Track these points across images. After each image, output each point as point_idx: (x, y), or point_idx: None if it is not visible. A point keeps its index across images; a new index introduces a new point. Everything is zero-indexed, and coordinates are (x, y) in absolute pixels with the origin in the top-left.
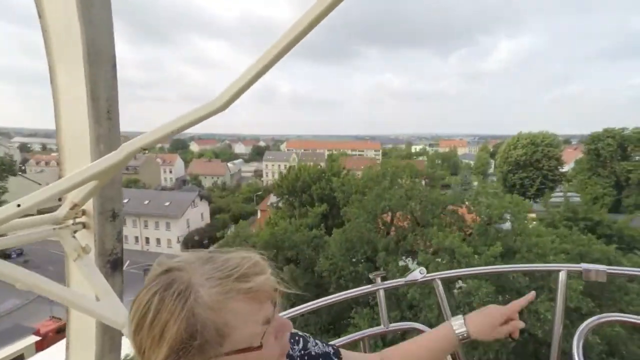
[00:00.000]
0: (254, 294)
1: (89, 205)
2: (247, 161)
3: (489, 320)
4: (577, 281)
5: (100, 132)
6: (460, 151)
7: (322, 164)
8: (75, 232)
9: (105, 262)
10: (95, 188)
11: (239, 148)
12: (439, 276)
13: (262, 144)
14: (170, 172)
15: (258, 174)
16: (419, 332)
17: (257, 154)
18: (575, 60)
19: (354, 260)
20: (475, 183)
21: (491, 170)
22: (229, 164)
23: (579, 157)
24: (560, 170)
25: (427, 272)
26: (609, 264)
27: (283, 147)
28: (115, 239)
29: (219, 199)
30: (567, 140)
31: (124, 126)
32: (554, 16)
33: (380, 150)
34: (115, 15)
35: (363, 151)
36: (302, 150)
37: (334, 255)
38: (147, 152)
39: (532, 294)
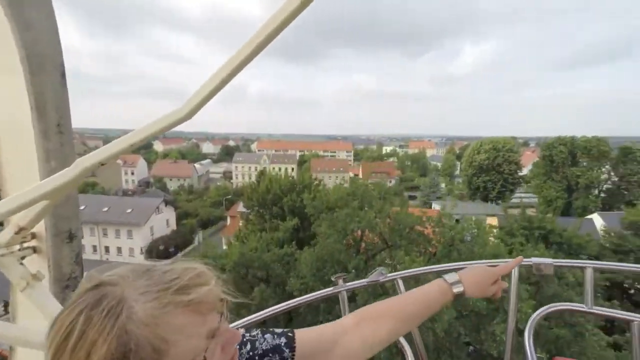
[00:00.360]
0: (196, 306)
1: (40, 227)
2: (215, 161)
3: (481, 280)
4: (528, 302)
5: (50, 147)
6: (429, 152)
7: (294, 168)
8: (23, 258)
9: (62, 288)
10: (45, 208)
11: (207, 147)
12: (400, 276)
13: (231, 143)
14: (132, 173)
15: (227, 175)
16: None
17: (227, 154)
18: (534, 68)
19: (325, 279)
20: (443, 184)
21: (457, 172)
22: (196, 165)
23: (536, 160)
24: (519, 173)
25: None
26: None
27: (254, 147)
28: (73, 262)
29: (186, 203)
30: (525, 143)
31: (82, 123)
32: (515, 25)
33: (352, 151)
34: (72, 4)
35: (335, 152)
36: (273, 151)
37: (305, 275)
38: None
39: (520, 258)
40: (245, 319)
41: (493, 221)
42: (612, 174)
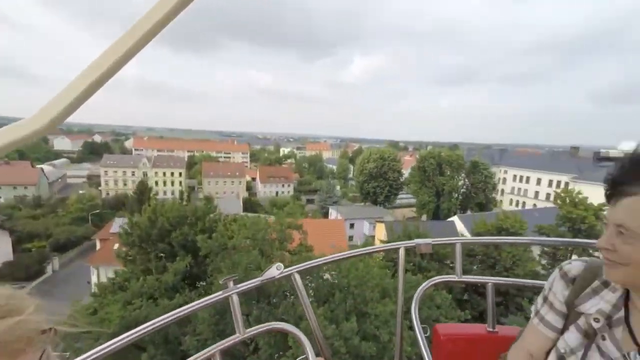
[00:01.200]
0: None
1: None
2: (74, 161)
3: None
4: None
5: None
6: (325, 154)
7: (182, 172)
8: None
9: None
10: None
11: (62, 143)
12: (296, 269)
13: (97, 138)
14: None
15: (94, 180)
16: (279, 331)
17: (91, 152)
18: (411, 82)
19: (226, 332)
20: (338, 187)
21: (351, 175)
22: (45, 167)
23: (414, 164)
24: (402, 180)
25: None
26: (426, 306)
27: (129, 144)
28: None
29: (31, 221)
30: (405, 147)
31: None
32: (394, 45)
33: (249, 153)
34: None
35: (230, 153)
36: (156, 152)
37: (202, 330)
38: None
39: None
40: (116, 339)
41: (381, 228)
42: (466, 181)
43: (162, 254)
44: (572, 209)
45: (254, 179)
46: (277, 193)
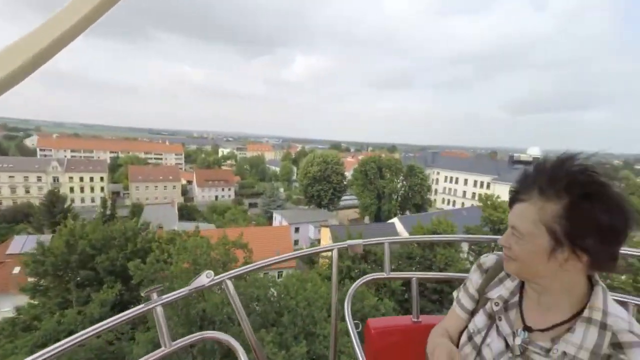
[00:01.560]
0: None
1: None
2: None
3: None
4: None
5: None
6: (267, 156)
7: (103, 177)
8: None
9: None
10: None
11: None
12: (228, 276)
13: None
14: None
15: None
16: (211, 340)
17: None
18: (350, 84)
19: None
20: (282, 189)
21: (294, 177)
22: None
23: (355, 166)
24: (344, 182)
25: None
26: (371, 315)
27: (31, 142)
28: None
29: None
30: (347, 148)
31: None
32: (336, 46)
33: (183, 154)
34: None
35: (161, 155)
36: (70, 154)
37: None
38: None
39: None
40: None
41: (326, 232)
42: (405, 184)
43: (84, 282)
44: (492, 212)
45: (190, 183)
46: (216, 197)
